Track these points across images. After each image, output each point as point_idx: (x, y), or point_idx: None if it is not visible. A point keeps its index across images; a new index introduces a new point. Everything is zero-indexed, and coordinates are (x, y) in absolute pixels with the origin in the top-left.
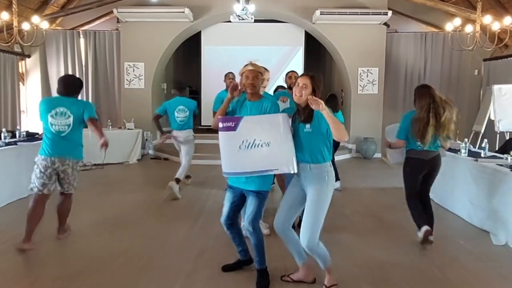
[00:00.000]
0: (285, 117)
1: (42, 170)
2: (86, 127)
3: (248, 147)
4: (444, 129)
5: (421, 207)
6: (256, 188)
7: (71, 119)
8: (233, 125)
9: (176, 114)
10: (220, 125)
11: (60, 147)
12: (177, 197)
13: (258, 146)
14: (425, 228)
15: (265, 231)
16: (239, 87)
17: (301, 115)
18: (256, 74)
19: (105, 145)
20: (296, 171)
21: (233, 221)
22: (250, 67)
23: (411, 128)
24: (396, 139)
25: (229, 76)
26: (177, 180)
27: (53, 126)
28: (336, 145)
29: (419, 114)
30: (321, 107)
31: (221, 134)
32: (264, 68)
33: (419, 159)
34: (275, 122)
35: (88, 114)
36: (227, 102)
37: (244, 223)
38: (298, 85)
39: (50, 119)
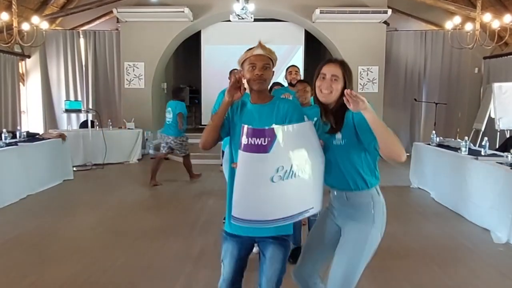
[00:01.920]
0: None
1: (161, 141)
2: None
3: (283, 178)
4: None
5: None
6: (278, 232)
7: (171, 114)
8: (266, 143)
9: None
10: (244, 140)
11: (166, 129)
12: None
13: (295, 175)
14: None
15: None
16: (242, 85)
17: (329, 121)
18: (267, 62)
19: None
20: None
21: (238, 285)
22: (259, 51)
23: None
24: None
25: (234, 74)
26: None
27: (166, 118)
28: None
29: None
30: (362, 106)
31: (243, 156)
32: None
33: None
34: (313, 135)
35: (178, 110)
36: (224, 108)
37: None
38: (323, 78)
39: (166, 113)
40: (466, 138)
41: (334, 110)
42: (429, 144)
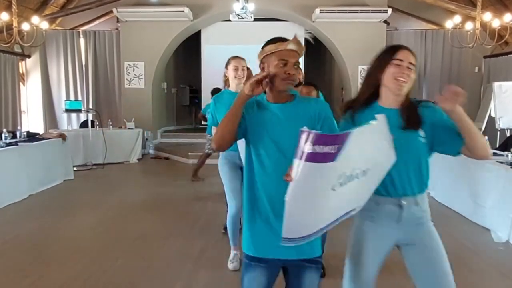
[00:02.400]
0: None
1: None
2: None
3: (343, 184)
4: None
5: None
6: (311, 254)
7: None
8: (335, 151)
9: None
10: (308, 148)
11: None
12: None
13: (354, 178)
14: None
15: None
16: (266, 79)
17: (404, 115)
18: (298, 60)
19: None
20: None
21: None
22: (293, 46)
23: None
24: None
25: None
26: None
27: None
28: None
29: None
30: (456, 106)
31: (306, 167)
32: None
33: None
34: (384, 132)
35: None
36: (241, 102)
37: None
38: (399, 65)
39: None
40: None
41: (407, 105)
42: None
